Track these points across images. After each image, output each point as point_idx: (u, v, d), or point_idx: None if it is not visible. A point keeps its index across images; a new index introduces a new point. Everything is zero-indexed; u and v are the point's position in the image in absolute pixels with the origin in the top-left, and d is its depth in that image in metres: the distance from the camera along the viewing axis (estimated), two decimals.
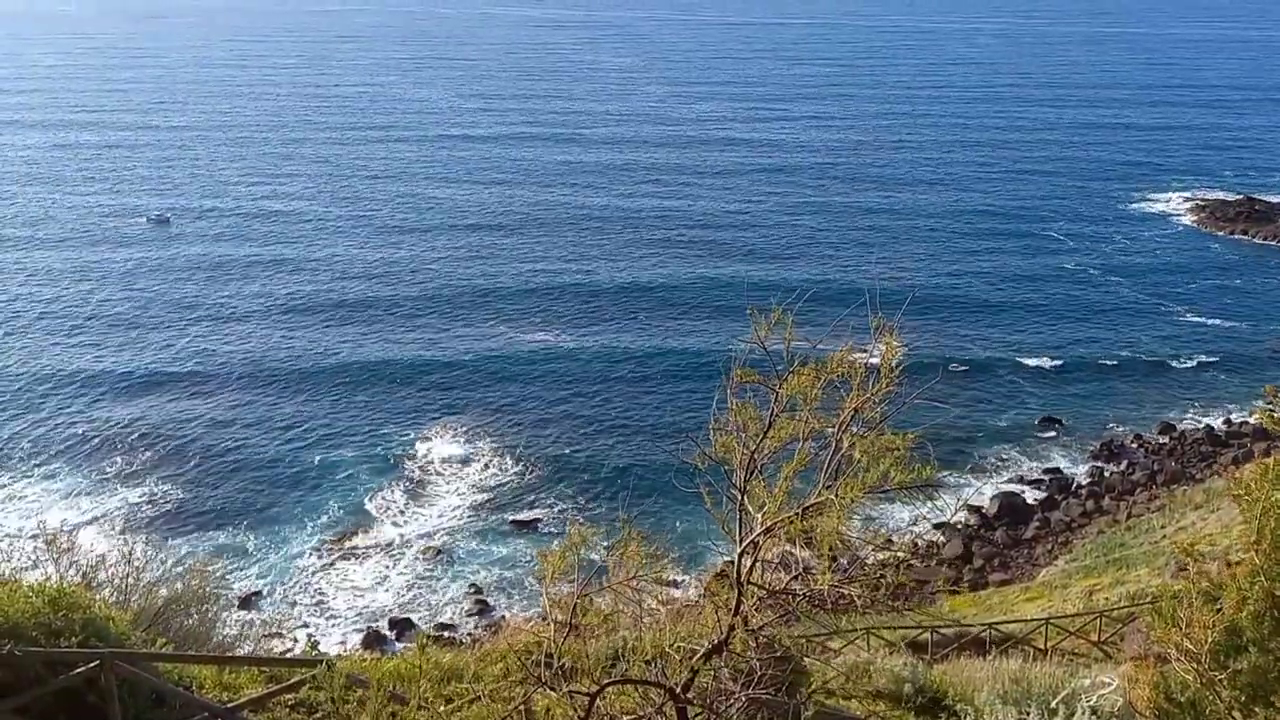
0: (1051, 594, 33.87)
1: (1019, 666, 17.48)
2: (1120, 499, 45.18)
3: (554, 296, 66.96)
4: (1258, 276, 72.79)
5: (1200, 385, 56.18)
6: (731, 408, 7.68)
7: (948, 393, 52.65)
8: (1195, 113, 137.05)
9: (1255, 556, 7.92)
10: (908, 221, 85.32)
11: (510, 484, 45.49)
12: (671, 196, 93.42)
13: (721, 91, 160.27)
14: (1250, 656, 7.38)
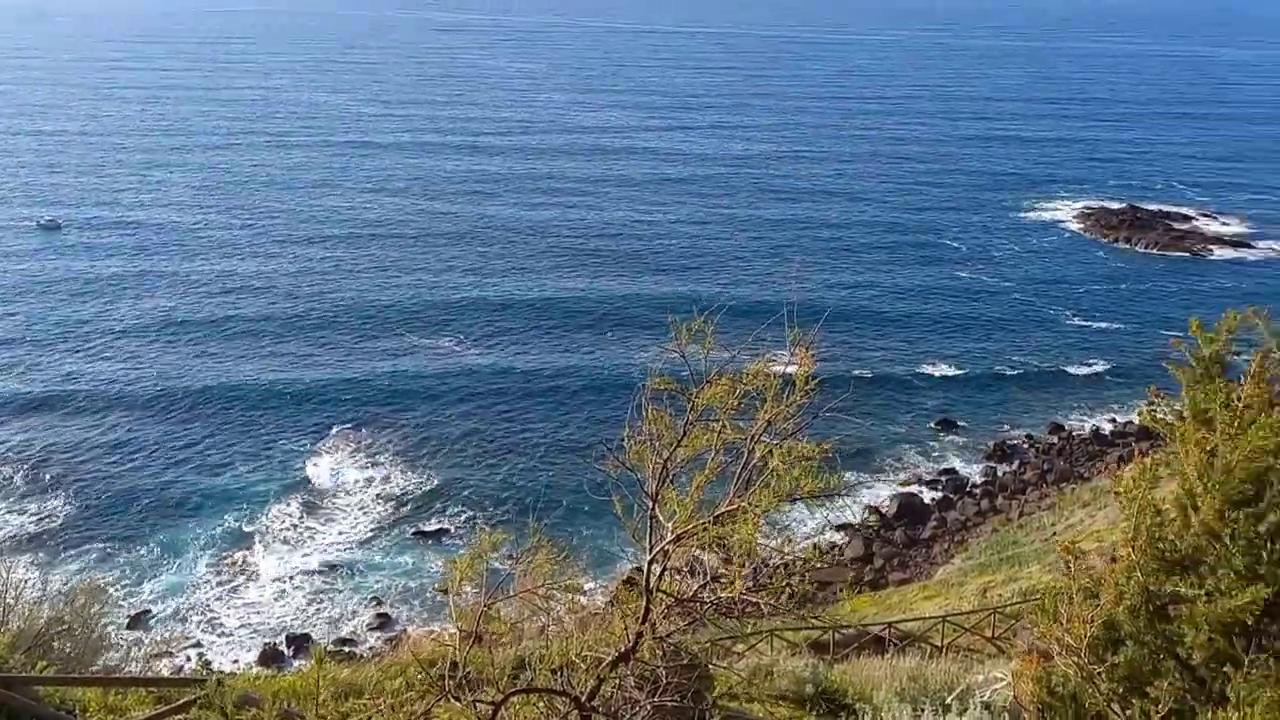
0: (948, 592, 34.85)
1: (916, 664, 18.03)
2: (1013, 498, 46.76)
3: (457, 310, 66.08)
4: (1140, 282, 76.12)
5: (1087, 387, 58.49)
6: (646, 415, 7.79)
7: (851, 400, 53.60)
8: (1081, 125, 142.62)
9: (1132, 553, 8.33)
10: (811, 232, 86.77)
11: (414, 496, 44.91)
12: (577, 207, 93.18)
13: (626, 100, 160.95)
14: (1127, 650, 7.76)
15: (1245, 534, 7.68)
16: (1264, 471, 7.98)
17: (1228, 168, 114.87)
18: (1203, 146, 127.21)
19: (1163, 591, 8.02)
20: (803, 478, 6.88)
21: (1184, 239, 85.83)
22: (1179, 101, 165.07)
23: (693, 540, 7.07)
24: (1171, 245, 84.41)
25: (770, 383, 7.27)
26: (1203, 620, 7.58)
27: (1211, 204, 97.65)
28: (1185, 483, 8.35)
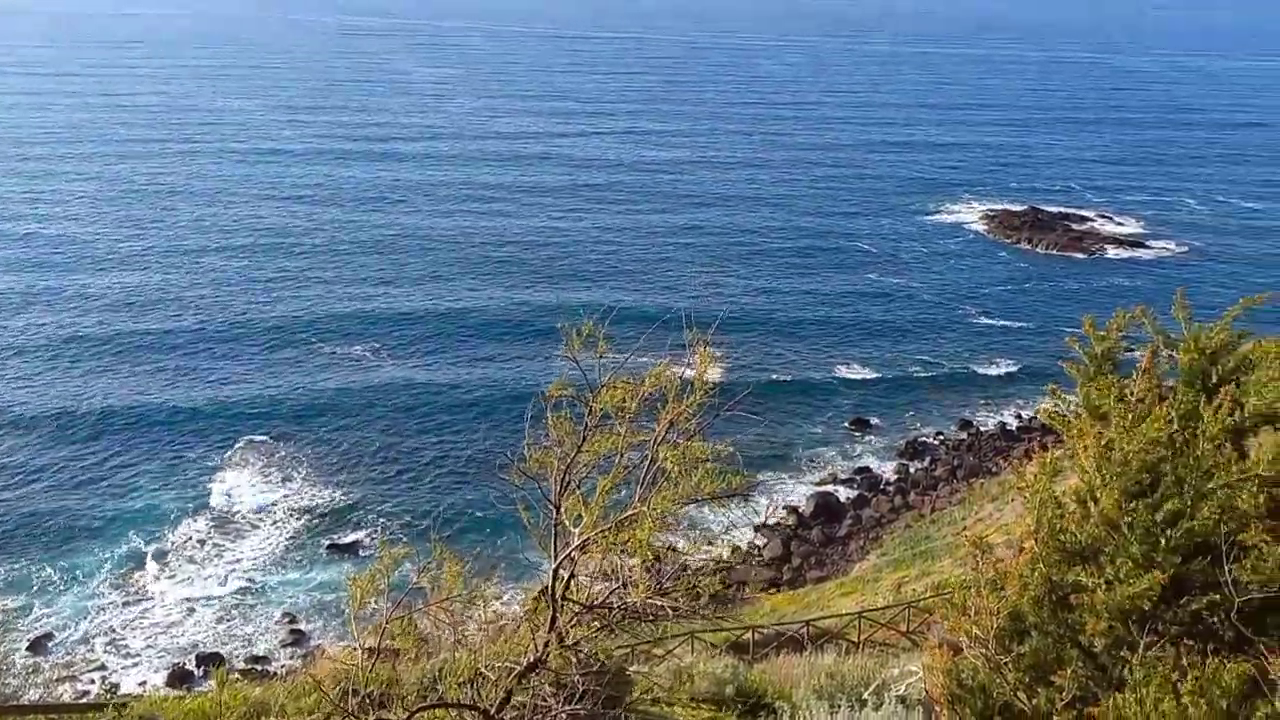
0: (864, 588, 35.39)
1: (833, 661, 18.22)
2: (925, 494, 47.70)
3: (368, 321, 64.74)
4: (1042, 282, 78.40)
5: (994, 384, 59.99)
6: (548, 422, 7.69)
7: (767, 402, 54.50)
8: (984, 130, 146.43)
9: (1035, 545, 8.50)
10: (723, 238, 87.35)
11: (326, 510, 43.98)
12: (489, 215, 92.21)
13: (539, 105, 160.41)
14: (1032, 640, 7.91)
15: (1142, 523, 7.89)
16: (1158, 463, 8.22)
17: (1123, 171, 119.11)
18: (1099, 151, 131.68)
19: (1065, 582, 8.20)
20: (704, 479, 6.85)
21: (1082, 239, 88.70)
22: (1076, 107, 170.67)
23: (599, 546, 6.99)
24: (1071, 246, 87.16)
25: (671, 384, 7.23)
26: (1103, 608, 7.76)
27: (1108, 206, 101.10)
28: (1084, 476, 8.56)
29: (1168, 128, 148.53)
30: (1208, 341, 9.79)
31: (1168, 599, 7.70)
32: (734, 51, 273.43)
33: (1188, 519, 7.64)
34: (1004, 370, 61.73)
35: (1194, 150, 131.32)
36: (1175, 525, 7.62)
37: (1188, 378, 9.64)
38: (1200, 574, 7.78)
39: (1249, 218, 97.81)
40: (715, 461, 7.19)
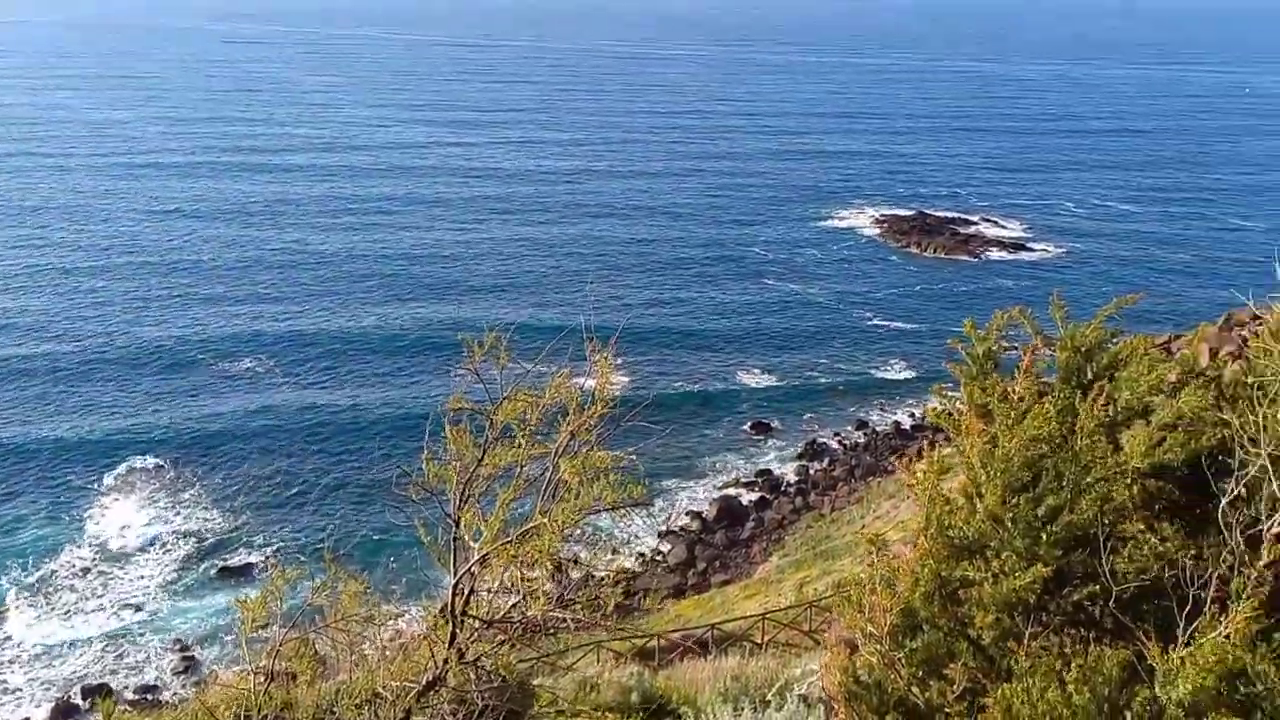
0: (768, 590, 35.86)
1: (738, 663, 18.42)
2: (825, 494, 48.62)
3: (256, 341, 62.81)
4: (931, 285, 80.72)
5: (889, 385, 61.54)
6: (447, 435, 7.60)
7: (669, 411, 54.90)
8: (873, 137, 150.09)
9: (925, 541, 8.73)
10: (621, 249, 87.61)
11: (218, 532, 42.69)
12: (381, 228, 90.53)
13: (432, 115, 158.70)
14: (924, 635, 8.11)
15: (1025, 518, 8.17)
16: (1039, 458, 8.53)
17: (1006, 176, 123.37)
18: (983, 157, 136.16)
19: (953, 576, 8.43)
20: (605, 490, 6.87)
21: (968, 243, 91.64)
22: (960, 115, 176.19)
23: (499, 560, 6.94)
24: (957, 249, 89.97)
25: (572, 395, 7.23)
26: (990, 601, 8.01)
27: (992, 210, 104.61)
28: (970, 473, 8.83)
29: (1048, 135, 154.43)
30: (1083, 340, 10.18)
31: (1051, 590, 7.99)
32: (629, 59, 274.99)
33: (1067, 512, 7.95)
34: (897, 370, 63.37)
35: (1073, 156, 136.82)
36: (1056, 519, 7.92)
37: (1065, 375, 10.02)
38: (1081, 565, 8.09)
39: (1124, 220, 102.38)
40: (616, 471, 7.21)
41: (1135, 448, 8.84)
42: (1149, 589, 8.04)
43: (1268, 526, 7.56)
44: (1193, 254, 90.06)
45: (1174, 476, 8.85)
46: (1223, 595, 7.42)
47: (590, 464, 6.90)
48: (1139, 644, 7.38)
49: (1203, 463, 8.44)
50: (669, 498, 48.19)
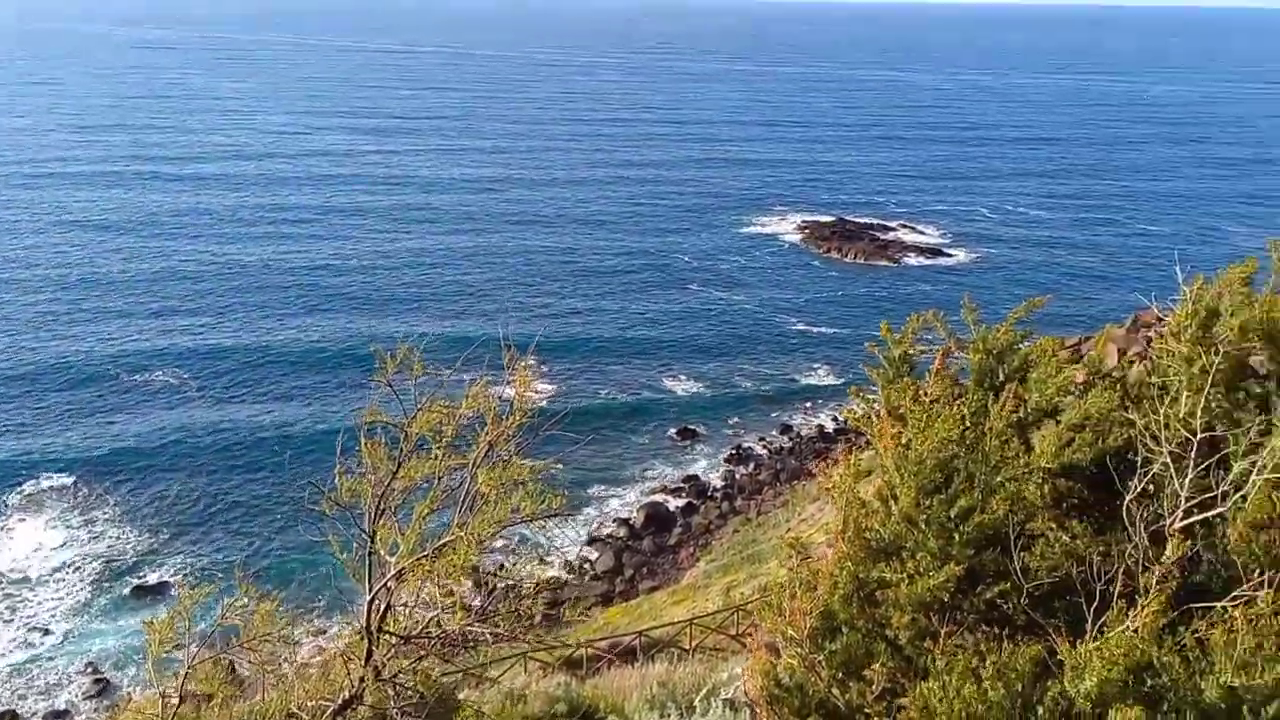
0: (695, 595, 35.99)
1: (665, 669, 18.46)
2: (751, 498, 48.98)
3: (168, 356, 60.75)
4: (852, 289, 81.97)
5: (812, 388, 62.26)
6: (362, 448, 7.47)
7: (595, 419, 54.85)
8: (794, 145, 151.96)
9: (843, 544, 8.84)
10: (543, 259, 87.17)
11: (129, 552, 41.40)
12: (297, 239, 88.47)
13: (353, 123, 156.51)
14: (843, 637, 8.20)
15: (938, 519, 8.32)
16: (951, 459, 8.68)
17: (923, 183, 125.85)
18: (901, 164, 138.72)
19: (871, 578, 8.55)
20: (524, 501, 6.81)
21: (887, 248, 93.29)
22: (879, 123, 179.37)
23: (416, 575, 6.83)
24: (877, 254, 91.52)
25: (489, 405, 7.16)
26: (906, 602, 8.13)
27: (910, 216, 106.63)
28: (885, 475, 8.97)
29: (963, 143, 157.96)
30: (994, 343, 10.40)
31: (964, 589, 8.13)
32: (550, 67, 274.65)
33: (979, 512, 8.10)
34: (821, 374, 64.17)
35: (987, 164, 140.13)
36: (968, 519, 8.07)
37: (977, 377, 10.22)
38: (993, 563, 8.25)
39: (1036, 226, 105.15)
40: (535, 482, 7.15)
41: (1045, 448, 9.08)
42: (1059, 585, 8.24)
43: (1171, 522, 7.82)
44: (1102, 258, 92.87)
45: (1082, 475, 9.10)
46: (1130, 590, 7.64)
47: (508, 475, 6.84)
48: (1050, 640, 7.56)
49: (1109, 461, 8.70)
50: (596, 506, 48.12)
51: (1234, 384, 8.58)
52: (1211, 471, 7.75)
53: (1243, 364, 8.91)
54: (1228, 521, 7.48)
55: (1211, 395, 8.09)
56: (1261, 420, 7.86)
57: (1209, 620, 7.05)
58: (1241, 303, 8.18)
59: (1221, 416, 8.49)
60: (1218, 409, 8.31)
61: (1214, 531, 7.65)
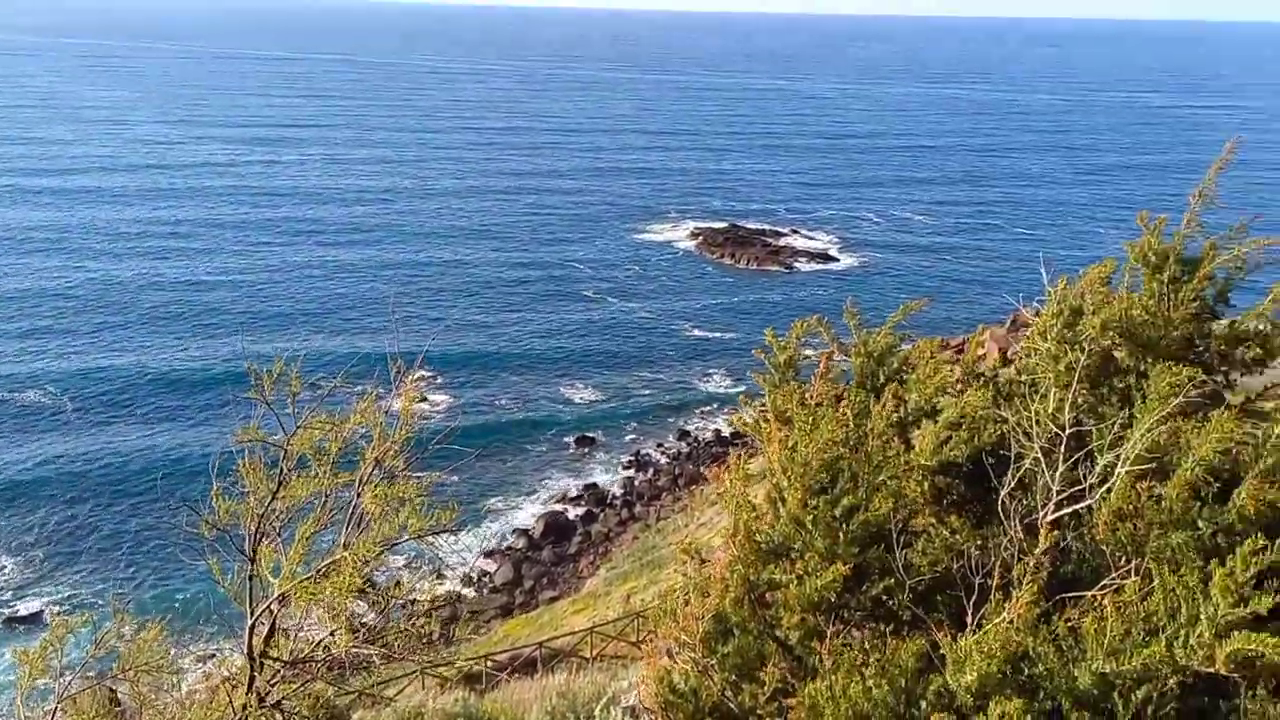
0: (596, 603, 35.95)
1: (564, 680, 18.36)
2: (650, 504, 49.21)
3: (39, 381, 57.77)
4: (746, 295, 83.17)
5: (708, 393, 62.89)
6: (242, 468, 7.26)
7: (492, 431, 54.37)
8: (684, 153, 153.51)
9: (733, 547, 8.95)
10: (436, 272, 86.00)
11: (2, 581, 39.43)
12: (172, 255, 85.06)
13: (229, 133, 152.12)
14: (735, 640, 8.30)
15: (824, 519, 8.48)
16: (836, 460, 8.87)
17: (812, 190, 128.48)
18: (791, 172, 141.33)
19: (761, 580, 8.67)
20: (411, 517, 6.70)
21: (779, 254, 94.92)
22: (769, 132, 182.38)
23: (300, 597, 6.66)
24: (768, 260, 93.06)
25: (376, 420, 7.03)
26: (795, 602, 8.27)
27: (800, 222, 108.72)
28: (773, 478, 9.11)
29: (849, 151, 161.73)
30: (875, 346, 10.65)
31: (851, 587, 8.31)
32: (437, 74, 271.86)
33: (863, 511, 8.29)
34: (717, 379, 64.88)
35: (872, 171, 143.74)
36: (853, 518, 8.25)
37: (860, 380, 10.47)
38: (878, 561, 8.44)
39: (919, 231, 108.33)
40: (423, 497, 7.04)
41: (924, 446, 9.34)
42: (941, 580, 8.48)
43: (1042, 514, 8.12)
44: (982, 262, 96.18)
45: (960, 472, 9.39)
46: (1006, 582, 7.91)
47: (394, 492, 6.72)
48: (933, 634, 7.77)
49: (984, 458, 9.00)
50: (495, 518, 47.69)
51: (1098, 379, 8.97)
52: (1079, 464, 8.08)
53: (1107, 360, 9.33)
54: (1095, 512, 7.81)
55: (1078, 391, 8.44)
56: (1123, 414, 8.24)
57: (1080, 609, 7.34)
58: (1102, 301, 8.57)
59: (1088, 411, 8.87)
60: (1084, 404, 8.67)
61: (1083, 523, 7.97)
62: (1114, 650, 6.64)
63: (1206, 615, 6.34)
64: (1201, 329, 8.58)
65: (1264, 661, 6.12)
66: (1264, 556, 6.37)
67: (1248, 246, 8.42)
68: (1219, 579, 6.32)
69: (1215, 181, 8.08)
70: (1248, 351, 8.52)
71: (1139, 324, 8.51)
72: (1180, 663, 6.39)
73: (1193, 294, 8.41)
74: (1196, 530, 7.42)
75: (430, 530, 6.76)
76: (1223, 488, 7.59)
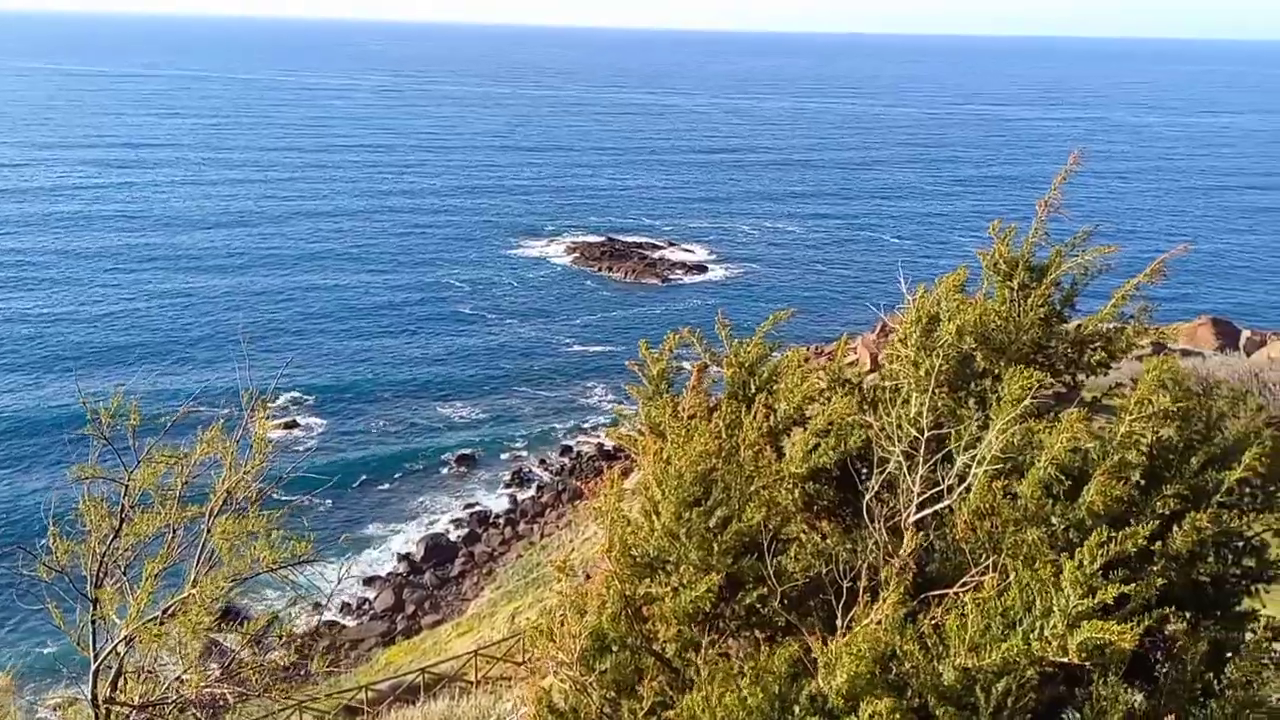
0: (481, 625, 35.43)
1: (448, 705, 18.01)
2: (534, 522, 48.82)
3: None
4: (624, 308, 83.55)
5: (589, 407, 62.87)
6: (81, 506, 6.84)
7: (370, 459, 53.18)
8: (559, 168, 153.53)
9: (610, 563, 8.89)
10: (305, 295, 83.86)
11: None
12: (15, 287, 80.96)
13: (72, 154, 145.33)
14: (613, 655, 8.23)
15: (698, 530, 8.50)
16: (709, 472, 8.91)
17: (687, 203, 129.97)
18: (665, 186, 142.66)
19: (638, 594, 8.64)
20: (263, 550, 6.42)
21: (655, 266, 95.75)
22: (641, 146, 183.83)
23: (147, 637, 6.31)
24: (645, 272, 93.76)
25: (226, 450, 6.72)
26: (671, 614, 8.26)
27: (676, 235, 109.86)
28: (647, 491, 9.10)
29: (723, 164, 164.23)
30: (746, 356, 10.76)
31: (726, 597, 8.35)
32: (299, 90, 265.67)
33: (736, 520, 8.34)
34: (598, 393, 64.91)
35: (746, 184, 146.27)
36: (726, 528, 8.29)
37: (731, 390, 10.56)
38: (752, 569, 8.50)
39: (792, 243, 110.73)
40: (277, 529, 6.76)
41: (794, 454, 9.47)
42: (812, 585, 8.60)
43: (905, 516, 8.32)
44: (854, 271, 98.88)
45: (829, 477, 9.56)
46: (874, 584, 8.06)
47: (244, 526, 6.43)
48: (806, 639, 7.86)
49: (850, 463, 9.17)
50: (375, 544, 46.58)
51: (957, 383, 9.25)
52: (939, 466, 8.31)
53: (966, 364, 9.63)
54: (956, 512, 8.03)
55: (937, 395, 8.68)
56: (980, 415, 8.51)
57: (944, 607, 7.53)
58: (957, 308, 8.84)
59: (948, 414, 9.13)
60: (944, 408, 8.92)
61: (944, 523, 8.19)
62: (975, 645, 6.82)
63: (1059, 607, 6.56)
64: (1050, 333, 8.94)
65: (1112, 649, 6.37)
66: (1109, 548, 6.64)
67: (1090, 254, 8.81)
68: (1069, 572, 6.55)
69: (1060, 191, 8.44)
70: (1093, 354, 8.91)
71: (992, 329, 8.81)
72: (1036, 654, 6.60)
73: (1041, 300, 8.76)
74: (1050, 526, 7.70)
75: (286, 562, 6.48)
76: (1073, 484, 7.90)
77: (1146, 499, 7.94)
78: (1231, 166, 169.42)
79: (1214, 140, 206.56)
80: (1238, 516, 7.83)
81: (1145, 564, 7.58)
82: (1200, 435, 8.32)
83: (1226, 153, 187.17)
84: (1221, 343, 51.47)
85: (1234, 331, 54.03)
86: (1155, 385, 7.79)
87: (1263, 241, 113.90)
